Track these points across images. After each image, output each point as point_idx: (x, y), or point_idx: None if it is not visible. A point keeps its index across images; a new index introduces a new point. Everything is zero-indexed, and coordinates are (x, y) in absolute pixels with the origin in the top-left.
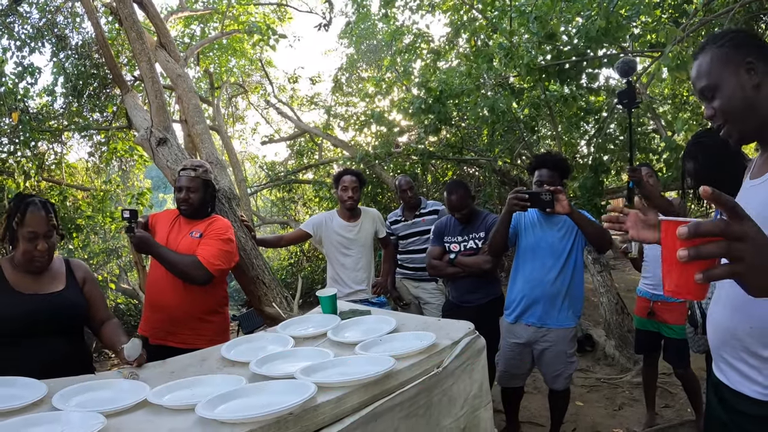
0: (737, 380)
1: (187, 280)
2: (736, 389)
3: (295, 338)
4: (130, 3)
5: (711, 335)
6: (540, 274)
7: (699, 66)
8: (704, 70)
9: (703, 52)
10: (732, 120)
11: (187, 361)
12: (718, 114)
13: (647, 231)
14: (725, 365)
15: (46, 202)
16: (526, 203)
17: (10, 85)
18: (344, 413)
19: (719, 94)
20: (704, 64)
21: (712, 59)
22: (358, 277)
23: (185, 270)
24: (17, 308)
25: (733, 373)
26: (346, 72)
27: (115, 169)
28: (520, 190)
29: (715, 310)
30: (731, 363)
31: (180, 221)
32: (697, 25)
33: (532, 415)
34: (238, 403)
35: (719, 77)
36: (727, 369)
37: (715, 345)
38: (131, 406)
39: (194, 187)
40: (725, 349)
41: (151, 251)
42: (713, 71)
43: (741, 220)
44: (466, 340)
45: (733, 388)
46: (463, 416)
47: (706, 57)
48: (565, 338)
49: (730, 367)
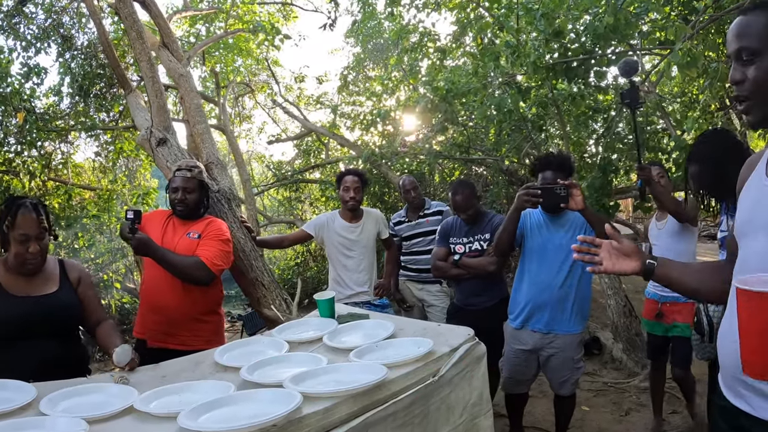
0: (763, 407)
1: (189, 281)
2: (762, 417)
3: (290, 343)
4: (130, 3)
5: (728, 356)
6: (547, 278)
7: (747, 23)
8: (754, 31)
9: (757, 11)
10: (761, 96)
11: (180, 365)
12: (749, 83)
13: (624, 261)
14: (747, 390)
15: (37, 203)
16: (538, 199)
17: (16, 86)
18: (332, 425)
19: (759, 62)
20: (756, 24)
21: (767, 23)
22: (360, 278)
23: (189, 271)
24: (10, 310)
25: (759, 399)
26: (353, 71)
27: (122, 169)
28: (531, 185)
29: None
30: (757, 387)
31: (174, 222)
32: (707, 22)
33: (537, 420)
34: (222, 412)
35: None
36: (749, 395)
37: (733, 366)
38: (117, 413)
39: (190, 187)
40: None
41: (151, 254)
42: (764, 36)
43: None
44: (465, 347)
45: (757, 417)
46: (462, 425)
47: (761, 17)
48: (573, 344)
49: (755, 393)
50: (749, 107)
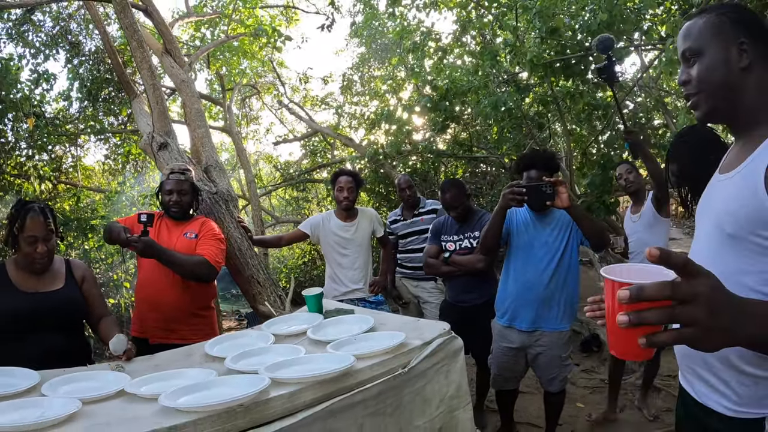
0: (704, 392)
1: (196, 279)
2: (703, 402)
3: (276, 336)
4: (131, 13)
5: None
6: (533, 276)
7: (690, 27)
8: (694, 33)
9: (699, 16)
10: (706, 92)
11: (173, 356)
12: (694, 82)
13: None
14: (693, 376)
15: (44, 207)
16: (524, 197)
17: (26, 92)
18: (296, 408)
19: (701, 62)
20: (696, 26)
21: (705, 24)
22: (355, 276)
23: (195, 270)
24: (19, 305)
25: (701, 385)
26: (358, 71)
27: (131, 171)
28: (516, 183)
29: None
30: (700, 374)
31: (167, 223)
32: None
33: (531, 416)
34: (199, 395)
35: (707, 44)
36: (694, 380)
37: (684, 353)
38: (110, 395)
39: (184, 189)
40: (695, 359)
41: (157, 255)
42: (703, 36)
43: (693, 278)
44: (439, 341)
45: (699, 401)
46: (439, 417)
47: (700, 20)
48: (559, 342)
49: (699, 379)
50: (696, 103)
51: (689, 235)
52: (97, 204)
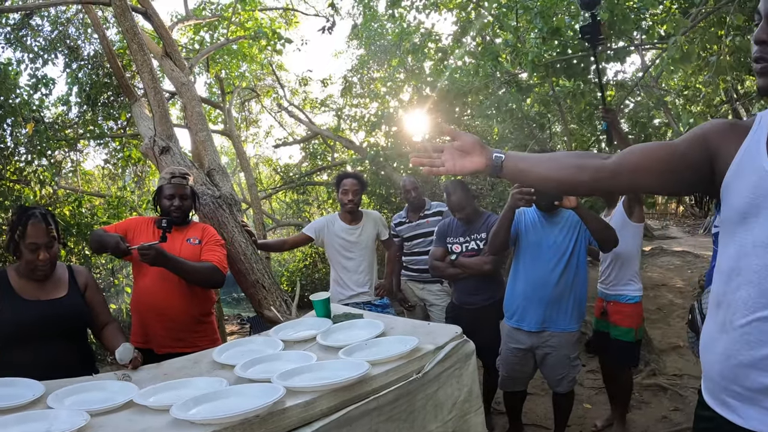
0: (755, 417)
1: (207, 285)
2: (752, 428)
3: (286, 342)
4: (131, 16)
5: (715, 364)
6: (542, 276)
7: None
8: None
9: None
10: None
11: (180, 363)
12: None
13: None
14: (735, 399)
15: (46, 213)
16: (532, 197)
17: (25, 97)
18: (313, 417)
19: None
20: None
21: None
22: (361, 279)
23: (207, 277)
24: (22, 314)
25: (749, 409)
26: (357, 73)
27: (131, 175)
28: None
29: (721, 335)
30: (747, 396)
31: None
32: (704, 15)
33: (539, 417)
34: (212, 405)
35: None
36: (738, 404)
37: (723, 375)
38: (117, 406)
39: (186, 194)
40: (741, 380)
41: (170, 264)
42: None
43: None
44: (452, 345)
45: (746, 428)
46: (452, 421)
47: None
48: (568, 342)
49: (745, 402)
50: (765, 68)
51: (689, 233)
52: (97, 209)
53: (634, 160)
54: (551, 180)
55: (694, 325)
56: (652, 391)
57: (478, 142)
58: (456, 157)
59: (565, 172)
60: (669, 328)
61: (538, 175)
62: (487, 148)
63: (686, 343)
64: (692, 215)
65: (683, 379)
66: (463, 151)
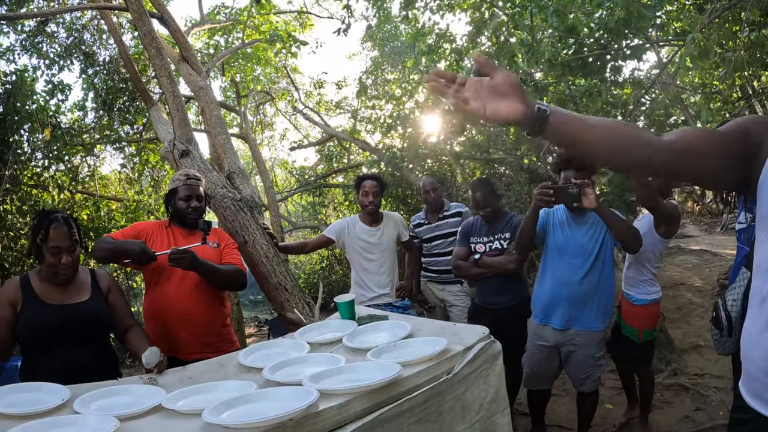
0: None
1: (232, 288)
2: None
3: (311, 344)
4: (148, 20)
5: (761, 362)
6: (567, 275)
7: None
8: None
9: None
10: None
11: (206, 367)
12: None
13: (500, 102)
14: None
15: (68, 217)
16: (552, 198)
17: (41, 103)
18: (346, 420)
19: None
20: None
21: None
22: (382, 281)
23: (235, 280)
24: (45, 318)
25: None
26: (372, 75)
27: (148, 179)
28: (546, 185)
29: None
30: None
31: (174, 231)
32: (721, 11)
33: (560, 418)
34: (243, 409)
35: None
36: None
37: (765, 374)
38: (146, 411)
39: (201, 195)
40: None
41: (204, 268)
42: None
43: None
44: (480, 345)
45: None
46: (479, 422)
47: None
48: (593, 341)
49: None
50: None
51: (706, 232)
52: (114, 213)
53: (695, 142)
54: (600, 147)
55: (719, 322)
56: (674, 391)
57: (517, 83)
58: (487, 96)
59: (620, 140)
60: (689, 327)
61: (587, 139)
62: (525, 95)
63: (707, 342)
64: (709, 213)
65: (704, 379)
66: (496, 92)
